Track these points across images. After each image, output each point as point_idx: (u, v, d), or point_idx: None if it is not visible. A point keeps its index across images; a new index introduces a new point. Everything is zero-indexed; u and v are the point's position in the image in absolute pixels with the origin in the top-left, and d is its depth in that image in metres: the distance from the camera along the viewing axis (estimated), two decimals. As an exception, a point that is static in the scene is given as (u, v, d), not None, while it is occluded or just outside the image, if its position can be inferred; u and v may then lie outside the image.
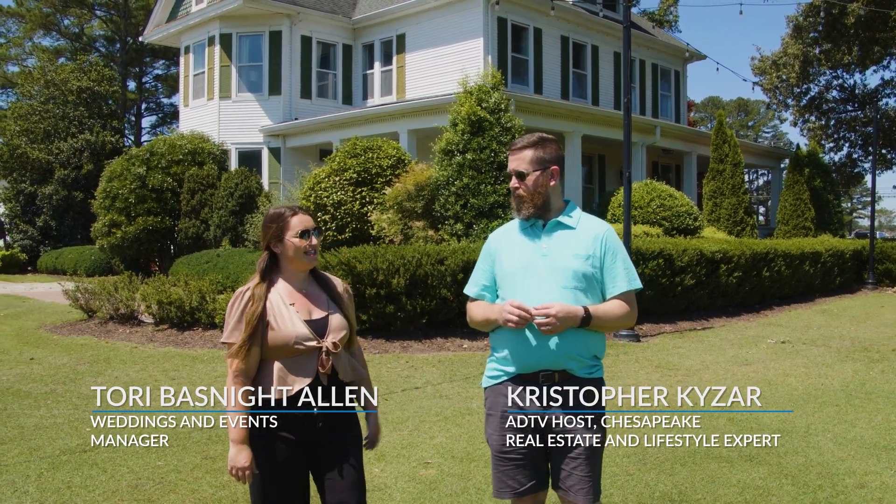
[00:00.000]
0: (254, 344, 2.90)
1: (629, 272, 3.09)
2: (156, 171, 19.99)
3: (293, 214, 3.03)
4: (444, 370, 8.69)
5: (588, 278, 3.02)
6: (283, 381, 2.89)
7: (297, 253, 2.99)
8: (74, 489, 4.89)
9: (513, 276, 3.07)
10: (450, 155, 13.32)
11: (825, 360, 9.44)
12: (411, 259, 10.07)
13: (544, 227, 3.12)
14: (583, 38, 22.61)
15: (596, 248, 3.06)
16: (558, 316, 2.86)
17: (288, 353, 2.90)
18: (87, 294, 11.67)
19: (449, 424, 6.37)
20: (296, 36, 21.61)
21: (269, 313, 2.93)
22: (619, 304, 3.05)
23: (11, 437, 6.05)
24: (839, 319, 13.68)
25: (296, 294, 3.01)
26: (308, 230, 3.00)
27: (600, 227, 3.14)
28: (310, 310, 2.99)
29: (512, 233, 3.19)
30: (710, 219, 19.92)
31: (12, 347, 10.19)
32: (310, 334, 2.91)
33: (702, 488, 4.82)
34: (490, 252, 3.21)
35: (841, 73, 32.12)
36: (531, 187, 3.09)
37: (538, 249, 3.07)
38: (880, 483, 4.92)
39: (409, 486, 4.89)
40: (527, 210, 3.10)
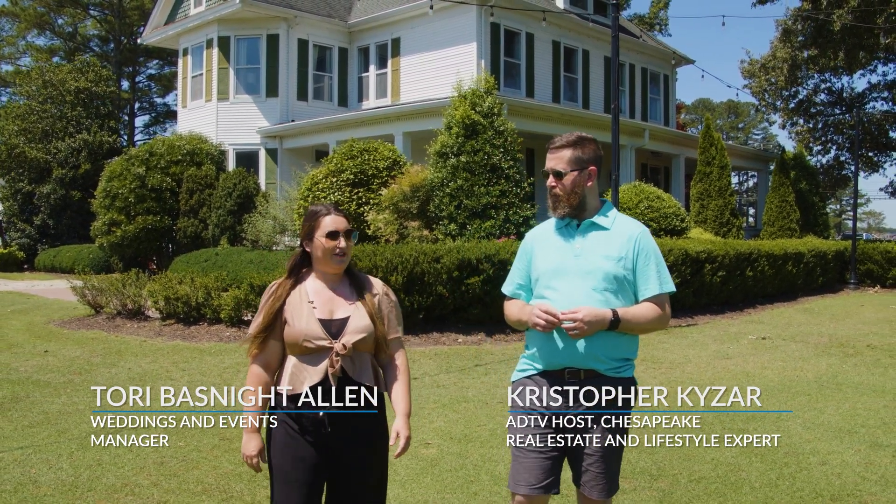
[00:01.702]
0: (271, 337, 2.94)
1: (662, 275, 3.07)
2: (155, 171, 20.40)
3: (326, 214, 2.99)
4: (441, 362, 9.16)
5: (619, 280, 3.01)
6: (294, 377, 2.89)
7: (325, 254, 2.96)
8: (105, 465, 5.33)
9: (545, 275, 3.09)
10: (444, 157, 13.77)
11: (802, 355, 9.95)
12: (409, 257, 10.54)
13: (578, 227, 3.12)
14: (574, 42, 23.12)
15: (629, 249, 3.05)
16: (585, 320, 2.86)
17: (301, 351, 2.90)
18: (94, 290, 12.09)
19: (446, 411, 6.84)
20: (293, 39, 22.05)
21: (287, 310, 2.94)
22: (650, 307, 3.03)
23: (39, 422, 6.48)
24: (819, 317, 14.20)
25: (321, 292, 2.98)
26: (337, 231, 2.96)
27: (635, 229, 3.12)
28: (332, 309, 2.95)
29: (548, 232, 3.21)
30: (698, 220, 20.45)
31: (25, 341, 10.61)
32: (321, 333, 2.89)
33: (678, 465, 5.30)
34: (526, 251, 3.22)
35: (829, 77, 32.63)
36: (568, 187, 3.09)
37: (571, 250, 3.08)
38: (841, 461, 5.40)
39: (412, 463, 5.35)
40: (562, 209, 3.11)
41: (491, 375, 8.46)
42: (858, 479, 5.00)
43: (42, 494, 4.75)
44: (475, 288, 10.74)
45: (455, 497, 4.70)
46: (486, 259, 10.84)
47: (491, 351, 10.02)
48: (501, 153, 13.51)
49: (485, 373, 8.61)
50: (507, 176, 13.45)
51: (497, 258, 10.85)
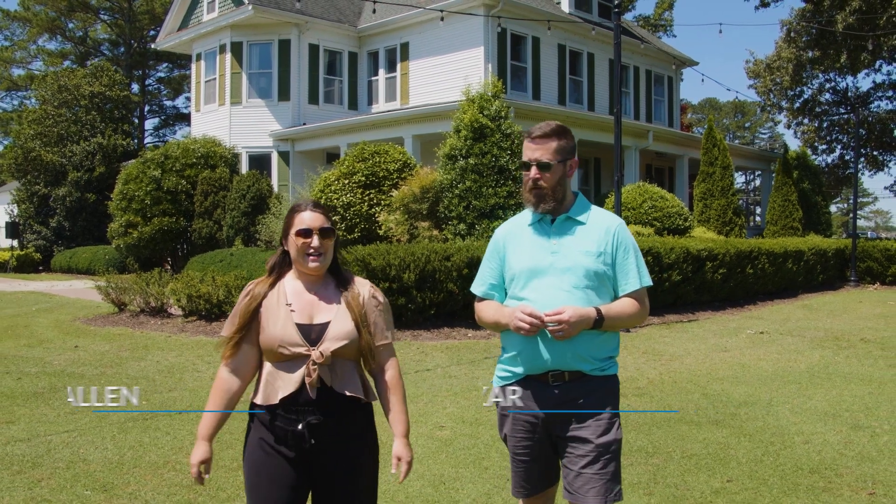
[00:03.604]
0: (245, 341, 2.70)
1: (641, 269, 2.96)
2: (170, 173, 20.96)
3: (303, 210, 2.74)
4: (452, 355, 9.64)
5: (600, 276, 2.89)
6: (268, 386, 2.65)
7: (298, 253, 2.71)
8: (146, 446, 5.81)
9: (522, 275, 2.94)
10: (453, 159, 14.26)
11: (797, 348, 10.39)
12: (420, 256, 11.02)
13: (553, 223, 2.97)
14: (579, 46, 23.58)
15: (607, 243, 2.92)
16: (570, 321, 2.72)
17: (277, 358, 2.65)
18: (118, 289, 12.61)
19: (458, 398, 7.31)
20: (304, 44, 22.59)
21: (264, 312, 2.69)
22: (631, 303, 2.93)
23: (79, 409, 6.97)
24: (818, 313, 14.63)
25: (301, 295, 2.72)
26: (310, 230, 2.68)
27: (612, 221, 2.99)
28: (312, 313, 2.69)
29: (519, 228, 3.05)
30: (701, 219, 20.90)
31: (55, 337, 11.13)
32: (298, 339, 2.62)
33: (672, 444, 5.76)
34: (497, 249, 3.07)
35: (833, 77, 32.95)
36: (554, 180, 2.93)
37: (548, 246, 2.93)
38: (823, 440, 5.86)
39: (429, 442, 5.82)
40: (547, 204, 2.94)
41: (499, 367, 8.92)
42: (837, 456, 5.45)
43: (92, 470, 5.23)
44: (484, 285, 11.20)
45: (468, 471, 5.17)
46: (494, 257, 11.29)
47: (499, 345, 10.47)
48: (508, 155, 13.98)
49: (494, 364, 9.07)
50: (514, 177, 13.92)
51: (504, 256, 11.31)
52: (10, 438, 5.98)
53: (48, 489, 4.84)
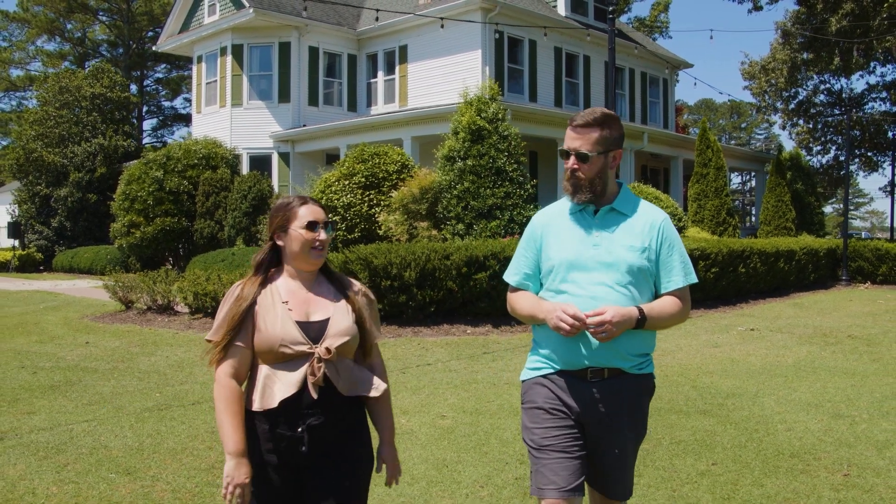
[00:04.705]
0: (237, 344, 2.57)
1: (685, 265, 2.84)
2: (172, 174, 21.28)
3: (302, 203, 2.68)
4: (451, 351, 9.96)
5: (643, 272, 2.78)
6: (266, 389, 2.53)
7: (302, 247, 2.62)
8: (163, 434, 6.13)
9: (561, 267, 2.81)
10: (451, 161, 14.59)
11: (785, 344, 10.73)
12: (421, 255, 11.35)
13: (595, 214, 2.84)
14: (575, 48, 23.93)
15: (652, 238, 2.80)
16: (613, 321, 2.61)
17: (276, 359, 2.54)
18: (125, 287, 12.92)
19: (458, 390, 7.64)
20: (304, 47, 22.93)
21: (258, 312, 2.58)
22: (673, 302, 2.81)
23: (96, 401, 7.29)
24: (808, 311, 14.96)
25: (295, 292, 2.65)
26: (317, 222, 2.64)
27: (657, 216, 2.87)
28: (308, 311, 2.62)
29: (559, 217, 2.91)
30: (695, 220, 21.25)
31: (66, 334, 11.44)
32: (300, 337, 2.54)
33: (661, 431, 6.09)
34: (535, 237, 2.93)
35: (828, 78, 33.30)
36: (593, 172, 2.79)
37: (590, 239, 2.80)
38: (805, 428, 6.19)
39: (431, 430, 6.15)
40: (583, 195, 2.80)
41: (498, 361, 9.25)
42: (816, 441, 5.78)
43: (114, 456, 5.54)
44: (482, 283, 11.54)
45: (469, 456, 5.49)
46: (492, 256, 11.64)
47: (497, 341, 10.80)
48: (506, 157, 14.31)
49: (492, 359, 9.40)
50: (511, 178, 14.25)
51: (503, 255, 11.64)
52: (34, 427, 6.30)
53: (74, 472, 5.15)
